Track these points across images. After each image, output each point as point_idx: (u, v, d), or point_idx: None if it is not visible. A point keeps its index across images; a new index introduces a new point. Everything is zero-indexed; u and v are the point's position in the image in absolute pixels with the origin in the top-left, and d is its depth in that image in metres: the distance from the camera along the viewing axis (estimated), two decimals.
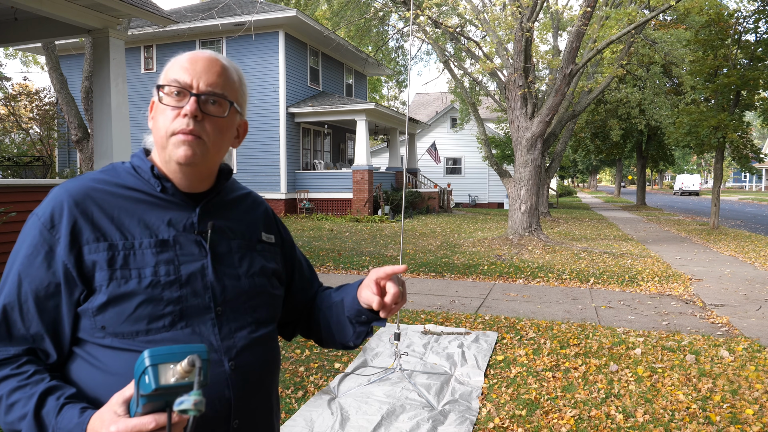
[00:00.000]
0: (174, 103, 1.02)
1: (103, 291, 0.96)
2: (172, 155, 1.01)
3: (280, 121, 18.05)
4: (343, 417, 3.28)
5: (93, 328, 0.96)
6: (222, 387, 1.00)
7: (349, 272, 8.44)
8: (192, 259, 1.03)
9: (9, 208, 4.56)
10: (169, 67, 1.05)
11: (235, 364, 1.02)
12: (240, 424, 1.02)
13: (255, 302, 1.10)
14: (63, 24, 6.36)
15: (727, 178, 67.85)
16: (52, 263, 0.97)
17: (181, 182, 1.06)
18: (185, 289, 1.01)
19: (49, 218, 0.98)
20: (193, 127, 1.00)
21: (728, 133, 14.15)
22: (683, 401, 3.59)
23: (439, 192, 22.64)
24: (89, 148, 11.04)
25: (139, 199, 1.04)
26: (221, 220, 1.10)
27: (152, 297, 0.97)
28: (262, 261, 1.15)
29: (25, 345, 0.96)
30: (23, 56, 28.15)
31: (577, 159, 43.99)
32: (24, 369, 0.94)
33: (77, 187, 1.02)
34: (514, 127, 11.77)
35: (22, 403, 0.90)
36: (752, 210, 27.59)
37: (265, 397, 1.11)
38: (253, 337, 1.08)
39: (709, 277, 8.29)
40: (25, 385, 0.92)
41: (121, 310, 0.96)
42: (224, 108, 1.04)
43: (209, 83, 1.02)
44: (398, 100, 45.90)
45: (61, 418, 0.88)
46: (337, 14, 18.36)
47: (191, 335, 0.99)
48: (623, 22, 10.89)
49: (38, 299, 0.96)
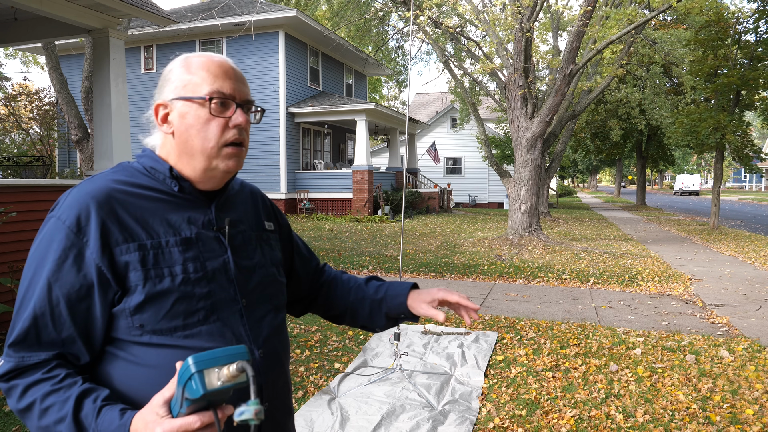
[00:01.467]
0: (220, 114, 1.05)
1: (140, 291, 0.98)
2: (221, 166, 1.06)
3: (280, 121, 18.05)
4: (343, 417, 3.28)
5: (130, 327, 0.98)
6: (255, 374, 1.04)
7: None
8: (214, 255, 1.07)
9: (9, 208, 4.55)
10: (190, 71, 1.06)
11: (264, 351, 1.08)
12: (269, 407, 1.08)
13: (270, 290, 1.16)
14: (63, 24, 6.35)
15: (727, 178, 67.82)
16: (82, 266, 0.97)
17: (207, 184, 1.10)
18: (213, 284, 1.04)
19: (75, 222, 0.98)
20: (243, 136, 1.07)
21: (728, 133, 14.15)
22: (683, 401, 3.59)
23: (439, 192, 22.64)
24: (89, 148, 11.04)
25: (156, 198, 1.06)
26: (233, 215, 1.15)
27: (186, 294, 1.00)
28: (270, 250, 1.21)
29: (55, 350, 0.97)
30: (23, 56, 28.15)
31: (577, 159, 44.01)
32: (55, 373, 0.95)
33: (99, 189, 1.02)
34: (514, 127, 11.78)
35: (58, 407, 0.91)
36: (752, 210, 27.59)
37: (285, 378, 1.18)
38: (275, 324, 1.15)
39: (709, 277, 8.29)
40: (59, 389, 0.92)
41: (158, 309, 0.98)
42: (258, 115, 1.13)
43: (245, 92, 1.09)
44: (398, 100, 45.91)
45: (101, 420, 0.89)
46: (337, 14, 18.37)
47: (223, 327, 1.03)
48: (623, 22, 10.89)
49: (70, 303, 0.97)
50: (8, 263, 4.67)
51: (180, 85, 1.05)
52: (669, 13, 20.40)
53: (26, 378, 0.94)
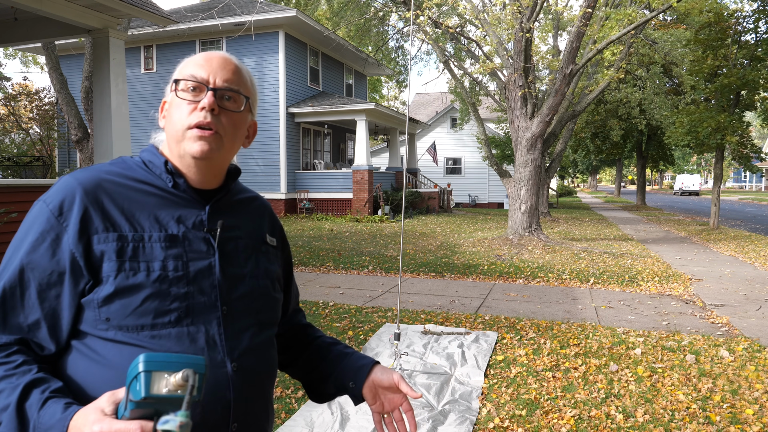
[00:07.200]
0: (190, 98, 1.03)
1: (111, 282, 0.94)
2: (188, 149, 1.02)
3: (280, 121, 18.05)
4: (343, 417, 3.28)
5: (96, 319, 0.95)
6: (223, 389, 0.98)
7: (349, 272, 8.44)
8: (200, 256, 1.03)
9: (9, 208, 4.56)
10: (184, 65, 1.07)
11: (238, 365, 1.01)
12: (238, 428, 1.01)
13: (258, 304, 1.10)
14: (63, 24, 6.36)
15: (727, 178, 67.84)
16: (57, 251, 0.95)
17: (194, 177, 1.07)
18: (192, 286, 1.00)
19: (58, 206, 0.97)
20: (210, 119, 1.01)
21: (728, 134, 14.15)
22: (683, 401, 3.59)
23: (439, 192, 22.64)
24: (89, 148, 11.04)
25: (149, 193, 1.04)
26: (229, 219, 1.11)
27: (159, 291, 0.96)
28: (266, 263, 1.15)
29: (19, 334, 0.94)
30: (23, 56, 28.14)
31: (577, 159, 43.97)
32: (13, 358, 0.91)
33: (88, 177, 1.01)
34: (514, 127, 11.78)
35: (6, 394, 0.88)
36: (752, 210, 27.59)
37: (264, 402, 1.10)
38: (257, 339, 1.07)
39: (709, 277, 8.29)
40: (12, 375, 0.89)
41: (127, 303, 0.94)
42: (240, 103, 1.06)
43: (225, 79, 1.04)
44: (398, 100, 45.92)
45: (43, 413, 0.85)
46: (337, 14, 18.38)
47: (196, 333, 0.98)
48: (623, 23, 10.89)
49: (40, 287, 0.95)
50: None
51: (176, 74, 1.07)
52: (669, 13, 20.40)
53: None
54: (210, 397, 0.96)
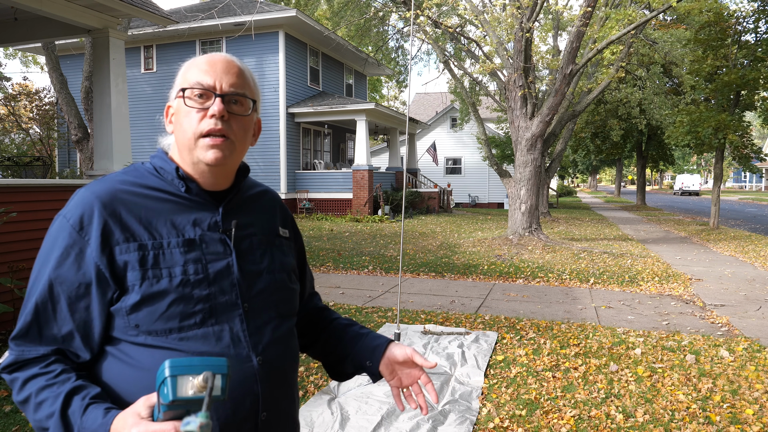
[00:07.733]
0: (198, 105, 1.05)
1: (136, 290, 0.98)
2: (201, 158, 1.04)
3: (280, 121, 18.05)
4: (343, 417, 3.28)
5: (126, 326, 0.99)
6: (251, 382, 1.03)
7: (349, 272, 8.44)
8: (218, 257, 1.06)
9: (9, 208, 4.55)
10: (186, 70, 1.08)
11: (263, 359, 1.06)
12: (267, 417, 1.06)
13: (277, 297, 1.13)
14: (63, 24, 6.35)
15: (727, 178, 67.83)
16: (82, 265, 0.99)
17: (206, 182, 1.09)
18: (213, 287, 1.03)
19: (78, 220, 1.00)
20: (221, 126, 1.03)
21: (728, 134, 14.14)
22: (683, 401, 3.59)
23: (439, 192, 22.64)
24: (89, 148, 11.04)
25: (164, 200, 1.06)
26: (242, 217, 1.14)
27: (183, 295, 1.00)
28: (281, 256, 1.18)
29: (55, 345, 0.99)
30: (23, 56, 28.14)
31: (577, 159, 43.97)
32: (52, 368, 0.97)
33: (104, 189, 1.04)
34: (514, 127, 11.78)
35: (50, 402, 0.93)
36: (752, 210, 27.58)
37: (289, 389, 1.15)
38: (278, 332, 1.12)
39: (709, 277, 8.29)
40: (53, 384, 0.95)
41: (154, 309, 0.98)
42: (246, 106, 1.09)
43: (231, 84, 1.06)
44: (398, 100, 45.91)
45: (86, 418, 0.90)
46: (337, 14, 18.38)
47: (221, 332, 1.02)
48: (623, 23, 10.89)
49: (70, 300, 0.99)
50: (8, 263, 4.67)
51: (178, 84, 1.08)
52: (669, 13, 20.40)
53: (25, 371, 0.97)
54: (238, 391, 1.01)
